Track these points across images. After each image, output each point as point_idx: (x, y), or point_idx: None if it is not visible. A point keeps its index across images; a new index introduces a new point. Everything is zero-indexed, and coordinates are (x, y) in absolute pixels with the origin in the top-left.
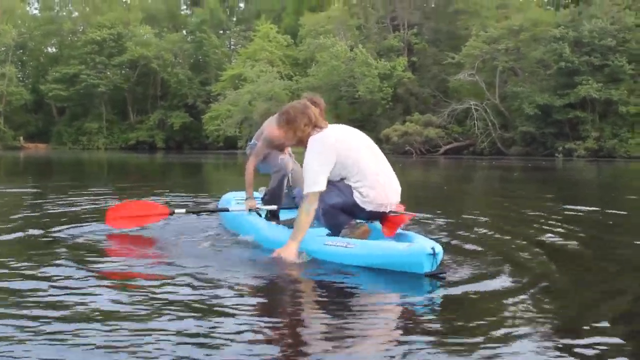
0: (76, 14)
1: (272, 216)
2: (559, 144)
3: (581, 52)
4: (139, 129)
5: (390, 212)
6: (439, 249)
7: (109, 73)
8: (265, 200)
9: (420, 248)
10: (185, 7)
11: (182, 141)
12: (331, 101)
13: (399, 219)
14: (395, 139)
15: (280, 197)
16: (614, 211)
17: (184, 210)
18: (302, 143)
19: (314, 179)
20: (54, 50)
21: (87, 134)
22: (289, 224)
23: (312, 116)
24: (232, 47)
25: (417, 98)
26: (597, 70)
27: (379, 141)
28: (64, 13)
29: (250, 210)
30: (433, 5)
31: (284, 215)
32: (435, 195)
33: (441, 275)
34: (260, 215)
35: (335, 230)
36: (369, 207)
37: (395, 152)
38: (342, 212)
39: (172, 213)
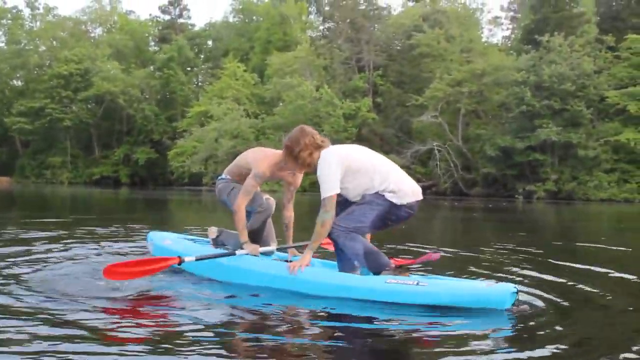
0: (43, 47)
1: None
2: (519, 186)
3: (542, 96)
4: (103, 163)
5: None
6: (517, 287)
7: (74, 107)
8: (218, 243)
9: (504, 286)
10: (153, 43)
11: (147, 177)
12: None
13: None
14: None
15: (261, 238)
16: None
17: (193, 257)
18: (310, 167)
19: (329, 184)
20: (20, 83)
21: (51, 167)
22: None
23: (309, 142)
24: (199, 84)
25: (381, 138)
26: (557, 114)
27: None
28: (31, 47)
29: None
30: (398, 48)
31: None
32: (391, 234)
33: (523, 308)
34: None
35: (375, 272)
36: (405, 201)
37: None
38: (383, 224)
39: (181, 262)
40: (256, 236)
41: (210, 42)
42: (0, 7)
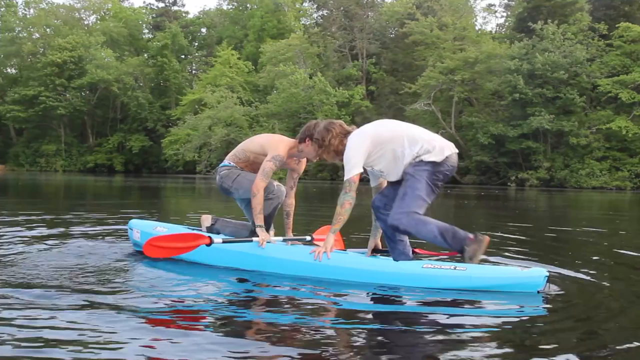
0: (37, 35)
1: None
2: (512, 173)
3: (534, 84)
4: (97, 151)
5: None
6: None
7: (68, 95)
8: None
9: (539, 271)
10: (146, 31)
11: (140, 164)
12: (290, 128)
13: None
14: None
15: (270, 226)
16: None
17: (220, 240)
18: (340, 154)
19: (350, 165)
20: (14, 71)
21: (45, 155)
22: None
23: (339, 131)
24: (193, 72)
25: None
26: (549, 102)
27: (335, 167)
28: (25, 34)
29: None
30: (392, 36)
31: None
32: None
33: (553, 290)
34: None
35: (459, 249)
36: (444, 155)
37: None
38: (434, 186)
39: (211, 243)
40: (265, 223)
41: (204, 30)
42: None
